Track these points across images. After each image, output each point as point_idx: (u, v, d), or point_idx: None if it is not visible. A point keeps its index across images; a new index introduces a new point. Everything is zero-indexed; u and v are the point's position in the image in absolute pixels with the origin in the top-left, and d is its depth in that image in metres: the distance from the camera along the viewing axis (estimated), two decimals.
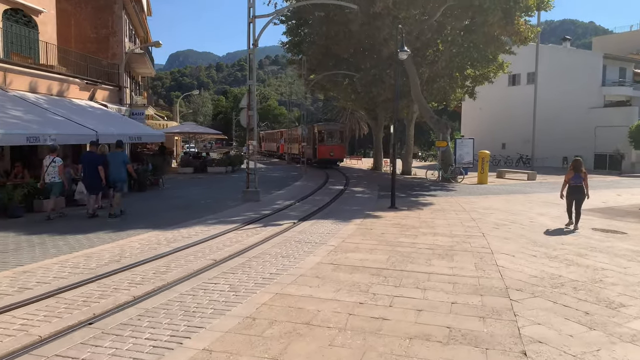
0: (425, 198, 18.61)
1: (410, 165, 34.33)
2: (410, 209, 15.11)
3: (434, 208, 15.58)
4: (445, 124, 27.76)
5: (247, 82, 16.46)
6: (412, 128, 34.40)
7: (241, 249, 8.86)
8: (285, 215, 13.58)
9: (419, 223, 12.36)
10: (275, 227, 11.35)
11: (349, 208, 15.25)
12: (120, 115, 22.80)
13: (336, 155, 38.64)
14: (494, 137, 48.07)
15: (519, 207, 16.37)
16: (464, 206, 16.18)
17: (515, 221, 13.18)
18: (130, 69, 37.15)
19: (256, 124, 16.65)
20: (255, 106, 16.50)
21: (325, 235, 10.49)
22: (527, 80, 46.90)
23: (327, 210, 14.77)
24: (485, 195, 20.03)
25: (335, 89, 39.20)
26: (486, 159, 26.77)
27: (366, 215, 13.53)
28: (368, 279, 7.08)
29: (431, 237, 10.51)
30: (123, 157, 13.83)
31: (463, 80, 32.38)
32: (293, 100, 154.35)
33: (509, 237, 10.72)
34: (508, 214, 14.54)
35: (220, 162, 33.89)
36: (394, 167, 15.83)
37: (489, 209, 15.75)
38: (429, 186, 24.14)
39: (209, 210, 14.45)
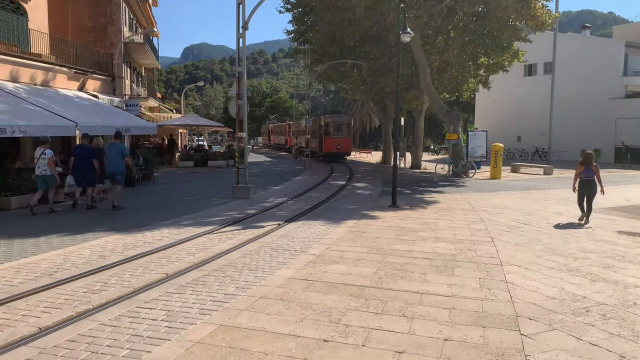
0: (432, 195, 17.18)
1: (420, 158, 32.81)
2: (413, 208, 13.70)
3: (440, 207, 14.15)
4: (457, 115, 26.21)
5: (236, 69, 15.14)
6: (422, 120, 32.83)
7: (204, 259, 7.55)
8: (272, 215, 12.26)
9: (419, 225, 10.96)
10: (255, 230, 10.03)
11: (345, 207, 13.89)
12: (110, 107, 21.62)
13: (343, 149, 37.22)
14: (509, 130, 46.30)
15: (534, 206, 14.88)
16: (473, 204, 14.73)
17: (529, 222, 11.73)
18: (131, 59, 36.02)
19: (246, 115, 15.33)
20: (246, 95, 15.18)
21: (310, 240, 9.15)
22: (543, 70, 45.02)
23: (321, 209, 13.42)
24: (497, 192, 18.53)
25: (344, 79, 37.64)
26: (500, 153, 25.21)
27: (362, 216, 12.16)
28: (345, 302, 5.73)
29: (431, 243, 9.12)
30: (121, 148, 13.39)
31: (476, 70, 30.76)
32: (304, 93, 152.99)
33: (521, 243, 9.29)
34: (521, 214, 13.08)
35: (221, 155, 32.66)
36: (395, 161, 14.42)
37: (501, 207, 14.30)
38: (438, 181, 22.67)
39: (191, 209, 13.20)
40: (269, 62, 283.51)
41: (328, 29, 27.79)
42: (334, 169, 30.48)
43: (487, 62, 30.19)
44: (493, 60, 30.02)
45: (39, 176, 12.60)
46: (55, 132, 14.57)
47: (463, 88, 33.49)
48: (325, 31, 28.36)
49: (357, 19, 25.09)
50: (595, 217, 12.93)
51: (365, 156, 51.64)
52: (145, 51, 35.09)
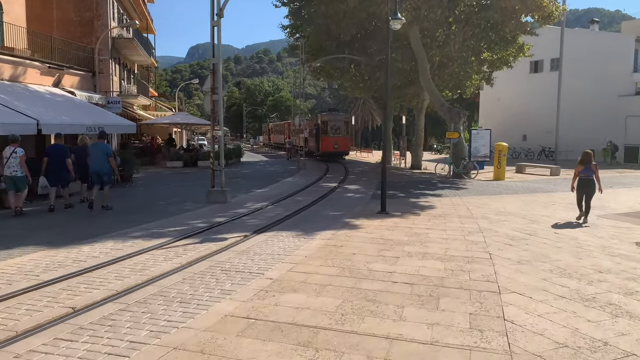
0: (428, 199, 15.71)
1: (421, 158, 31.32)
2: (404, 215, 12.24)
3: (434, 213, 12.69)
4: (458, 113, 24.72)
5: (212, 61, 13.72)
6: (422, 118, 31.32)
7: (131, 286, 6.13)
8: (242, 224, 10.83)
9: (408, 237, 9.51)
10: (213, 244, 8.60)
11: (329, 213, 12.45)
12: (86, 104, 20.25)
13: (341, 148, 35.73)
14: (514, 129, 44.75)
15: (540, 211, 13.41)
16: (473, 210, 13.27)
17: (535, 232, 10.27)
18: (121, 55, 34.71)
19: (222, 110, 13.91)
20: (221, 89, 13.77)
21: (273, 258, 7.73)
22: (550, 67, 43.42)
23: (301, 216, 11.98)
24: (500, 195, 17.05)
25: (343, 76, 36.14)
26: (503, 152, 23.72)
27: (344, 225, 10.71)
28: (286, 354, 4.30)
29: (418, 260, 7.68)
30: (106, 148, 13.11)
31: (479, 65, 29.22)
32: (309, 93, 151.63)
33: (525, 260, 7.84)
34: (526, 221, 11.62)
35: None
36: (384, 162, 12.97)
37: (503, 213, 12.83)
38: (437, 183, 21.19)
39: (155, 216, 11.80)
40: (274, 62, 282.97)
41: (323, 21, 26.36)
42: (330, 169, 29.05)
43: (490, 58, 28.66)
44: (497, 56, 28.50)
45: (9, 177, 11.87)
46: (9, 130, 13.19)
47: (466, 85, 31.96)
48: (320, 24, 26.93)
49: (352, 10, 23.66)
50: (608, 224, 11.49)
51: (366, 156, 50.17)
52: (135, 47, 33.76)
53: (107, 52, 31.09)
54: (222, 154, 14.20)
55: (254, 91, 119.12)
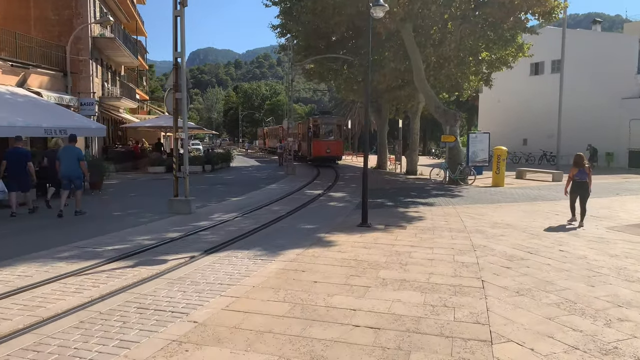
0: (418, 208, 14.21)
1: (416, 163, 29.86)
2: (388, 228, 10.74)
3: (423, 226, 11.19)
4: (454, 115, 23.26)
5: (173, 54, 12.25)
6: (418, 121, 29.85)
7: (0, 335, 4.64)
8: (196, 240, 9.32)
9: (386, 257, 8.02)
10: (146, 269, 7.10)
11: (302, 226, 10.94)
12: (52, 105, 18.75)
13: (333, 153, 34.21)
14: (514, 132, 43.32)
15: (542, 222, 11.93)
16: (467, 222, 11.78)
17: (536, 250, 8.79)
18: (104, 56, 33.31)
19: (186, 109, 12.43)
20: (186, 86, 12.30)
21: (212, 289, 6.21)
22: (551, 69, 42.03)
23: (269, 230, 10.48)
24: (498, 204, 15.56)
25: (336, 78, 34.65)
26: (502, 157, 22.25)
27: (315, 241, 9.21)
28: None
29: (392, 291, 6.18)
30: (77, 152, 12.71)
31: (477, 66, 27.74)
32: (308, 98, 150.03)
33: (525, 290, 6.35)
34: (526, 236, 10.13)
35: (197, 160, 29.77)
36: (366, 167, 11.46)
37: (501, 226, 11.34)
38: (431, 190, 19.71)
39: (102, 229, 10.29)
40: (274, 66, 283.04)
41: (311, 18, 24.94)
42: (320, 175, 27.60)
43: (489, 58, 27.22)
44: (495, 55, 27.06)
45: None
46: None
47: (464, 87, 30.52)
48: (309, 21, 25.51)
49: (340, 6, 22.25)
50: (620, 238, 10.05)
51: (361, 160, 48.78)
52: (118, 47, 32.35)
53: (86, 52, 29.71)
54: (186, 159, 12.71)
55: (251, 95, 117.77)
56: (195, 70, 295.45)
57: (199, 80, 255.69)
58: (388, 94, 31.94)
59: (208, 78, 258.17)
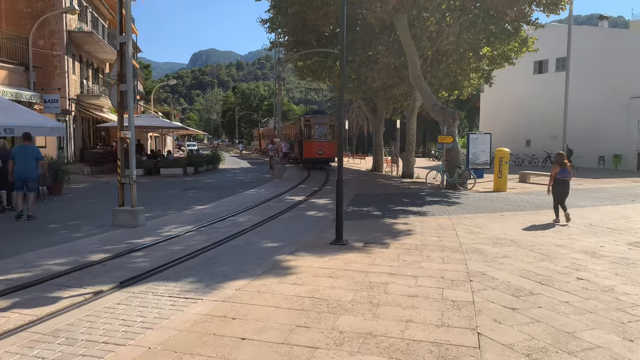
0: (409, 219, 12.31)
1: (413, 166, 27.95)
2: (367, 247, 8.84)
3: (410, 243, 9.28)
4: (452, 114, 21.37)
5: (117, 39, 10.38)
6: (414, 121, 27.91)
7: None
8: (119, 266, 7.40)
9: (354, 292, 6.12)
10: (18, 315, 5.19)
11: (263, 245, 9.05)
12: (5, 101, 16.88)
13: (326, 154, 32.22)
14: (517, 133, 41.51)
15: (552, 237, 10.05)
16: (463, 237, 9.88)
17: (550, 279, 6.90)
18: (82, 52, 31.46)
19: (132, 104, 10.57)
20: (132, 79, 10.45)
21: (87, 354, 4.34)
22: (555, 67, 40.16)
23: (217, 251, 8.54)
24: (500, 213, 13.66)
25: (330, 75, 32.72)
26: (505, 159, 20.36)
27: (269, 268, 7.31)
28: None
29: (347, 356, 4.30)
30: (33, 151, 11.88)
31: (477, 62, 25.83)
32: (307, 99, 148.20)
33: (539, 349, 4.47)
34: (535, 257, 8.24)
35: (176, 163, 27.88)
36: (340, 173, 9.53)
37: (504, 242, 9.45)
38: (426, 196, 17.82)
39: (18, 248, 8.42)
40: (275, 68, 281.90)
41: (299, 10, 23.07)
42: (309, 178, 25.74)
43: (490, 53, 25.32)
44: (497, 51, 25.16)
45: None
46: None
47: (463, 85, 28.64)
48: (297, 13, 23.64)
49: None
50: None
51: (358, 162, 46.87)
52: (97, 42, 30.51)
53: (61, 47, 27.93)
54: (133, 162, 10.78)
55: (249, 95, 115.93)
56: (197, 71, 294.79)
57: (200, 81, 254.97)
58: (384, 92, 30.06)
59: (210, 79, 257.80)
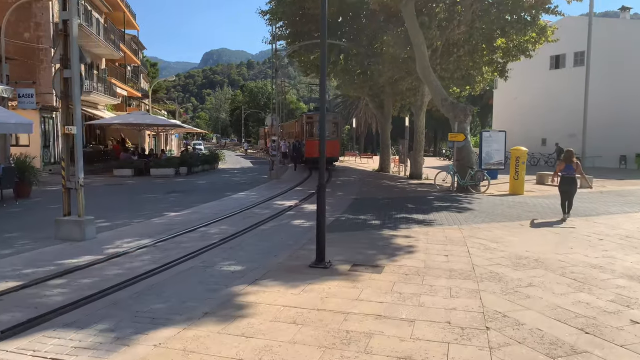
0: (411, 231, 10.44)
1: (421, 166, 25.99)
2: (354, 271, 6.99)
3: (410, 265, 7.42)
4: (463, 109, 19.46)
5: (60, 16, 8.64)
6: (423, 117, 25.92)
7: None
8: (19, 302, 5.64)
9: (322, 351, 4.28)
10: None
11: (223, 268, 7.20)
12: None
13: (329, 153, 30.14)
14: (532, 132, 39.37)
15: (587, 254, 8.16)
16: (477, 256, 8.01)
17: (595, 325, 5.02)
18: None
19: (79, 92, 8.80)
20: (78, 63, 8.70)
21: None
22: (574, 62, 38.01)
23: (163, 276, 6.71)
24: (519, 221, 11.75)
25: (335, 70, 30.84)
26: (522, 159, 18.44)
27: (219, 305, 5.46)
28: None
29: None
30: None
31: (491, 54, 23.82)
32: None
33: None
34: (570, 287, 6.36)
35: (168, 162, 26.15)
36: (322, 177, 7.62)
37: (527, 263, 7.57)
38: (434, 200, 15.92)
39: None
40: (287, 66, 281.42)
41: None
42: (309, 179, 23.93)
43: (505, 45, 23.30)
44: (513, 42, 23.14)
45: None
46: None
47: (476, 79, 26.63)
48: (293, 1, 21.86)
49: None
50: None
51: (365, 162, 44.91)
52: (87, 35, 28.86)
53: (47, 40, 26.36)
54: (79, 163, 8.99)
55: (256, 94, 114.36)
56: (208, 70, 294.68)
57: (211, 80, 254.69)
58: (390, 87, 28.18)
59: (220, 78, 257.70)
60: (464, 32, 21.09)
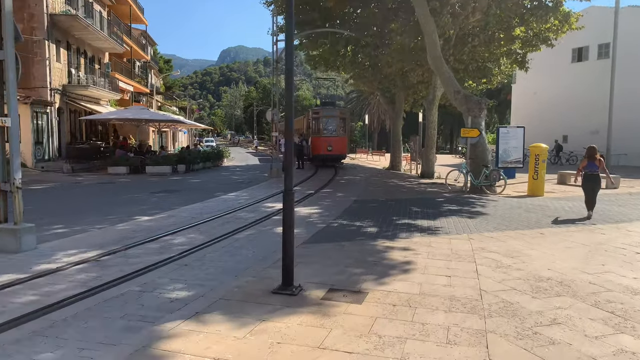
0: (412, 240, 8.92)
1: (433, 164, 24.36)
2: (328, 298, 5.50)
3: (400, 290, 5.90)
4: (478, 102, 17.84)
5: None
6: (435, 112, 24.25)
7: None
8: None
9: None
10: None
11: (165, 293, 5.73)
12: None
13: (335, 151, 28.66)
14: (553, 129, 37.36)
15: (623, 274, 6.59)
16: (486, 278, 6.48)
17: None
18: (70, 38, 28.74)
19: (15, 77, 7.43)
20: (12, 44, 7.32)
21: None
22: (597, 55, 35.99)
23: (88, 303, 5.32)
24: (539, 229, 10.14)
25: (343, 63, 29.32)
26: (542, 157, 16.77)
27: (127, 358, 4.09)
28: None
29: None
30: None
31: (508, 44, 22.08)
32: (334, 94, 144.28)
33: None
34: (606, 325, 4.82)
35: (165, 160, 24.84)
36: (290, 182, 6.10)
37: (549, 289, 6.02)
38: (443, 202, 14.35)
39: None
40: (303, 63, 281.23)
41: None
42: (312, 178, 22.48)
43: (524, 34, 21.55)
44: (533, 31, 21.39)
45: None
46: None
47: (493, 72, 24.93)
48: None
49: None
50: None
51: (377, 159, 43.36)
52: (85, 27, 27.73)
53: (41, 32, 25.25)
54: (15, 162, 7.62)
55: (270, 90, 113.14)
56: (225, 68, 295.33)
57: (228, 77, 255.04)
58: (401, 80, 26.60)
59: (237, 75, 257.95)
60: (479, 19, 19.48)
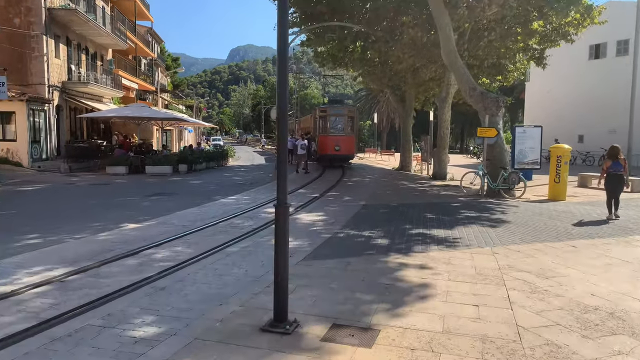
0: (429, 254, 7.84)
1: (445, 165, 23.23)
2: (330, 339, 4.44)
3: (418, 328, 4.83)
4: (495, 100, 16.70)
5: None
6: (448, 111, 23.06)
7: None
8: None
9: None
10: None
11: (127, 332, 4.64)
12: None
13: (343, 150, 27.52)
14: (568, 128, 36.05)
15: None
16: (520, 308, 5.39)
17: None
18: (70, 33, 27.87)
19: None
20: None
21: None
22: (616, 51, 34.69)
23: (30, 345, 4.32)
24: (569, 242, 9.02)
25: (352, 60, 28.21)
26: (564, 158, 15.66)
27: None
28: None
29: None
30: None
31: (526, 39, 20.85)
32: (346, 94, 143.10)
33: None
34: None
35: (166, 159, 23.85)
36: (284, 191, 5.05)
37: (600, 323, 4.93)
38: (459, 208, 13.24)
39: None
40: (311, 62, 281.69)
41: None
42: (319, 179, 21.42)
43: (543, 29, 20.33)
44: (552, 25, 20.19)
45: None
46: None
47: (509, 68, 23.76)
48: None
49: None
50: None
51: (386, 159, 42.21)
52: (85, 22, 26.83)
53: (39, 27, 24.37)
54: None
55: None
56: (234, 66, 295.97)
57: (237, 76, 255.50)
58: (412, 77, 25.45)
59: (246, 74, 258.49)
60: (495, 12, 18.32)
